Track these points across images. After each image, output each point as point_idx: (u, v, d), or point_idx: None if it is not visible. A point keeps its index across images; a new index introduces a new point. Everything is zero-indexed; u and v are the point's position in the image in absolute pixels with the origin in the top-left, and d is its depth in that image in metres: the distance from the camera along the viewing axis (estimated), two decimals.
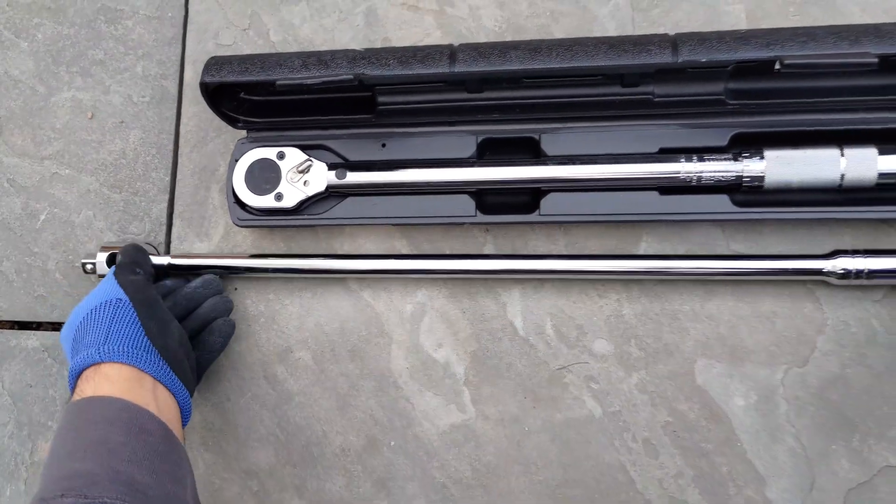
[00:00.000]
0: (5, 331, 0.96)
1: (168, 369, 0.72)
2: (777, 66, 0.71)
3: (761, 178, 0.76)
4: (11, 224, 0.96)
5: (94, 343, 0.70)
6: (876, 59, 0.68)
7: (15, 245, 0.96)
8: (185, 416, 0.75)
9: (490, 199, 0.84)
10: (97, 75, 0.97)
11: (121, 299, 0.74)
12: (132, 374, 0.70)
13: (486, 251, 0.87)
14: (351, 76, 0.75)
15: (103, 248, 0.89)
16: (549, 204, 0.81)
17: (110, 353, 0.69)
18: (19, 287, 0.96)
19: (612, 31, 0.87)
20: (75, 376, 0.71)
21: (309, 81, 0.76)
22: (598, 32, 0.87)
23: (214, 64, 0.80)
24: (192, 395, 0.77)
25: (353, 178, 0.83)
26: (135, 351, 0.71)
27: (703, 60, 0.71)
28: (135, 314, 0.73)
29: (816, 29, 0.71)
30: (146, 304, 0.75)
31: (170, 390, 0.73)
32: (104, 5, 0.98)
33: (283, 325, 0.90)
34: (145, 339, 0.72)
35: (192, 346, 0.82)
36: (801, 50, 0.70)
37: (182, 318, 0.83)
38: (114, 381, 0.68)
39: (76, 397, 0.68)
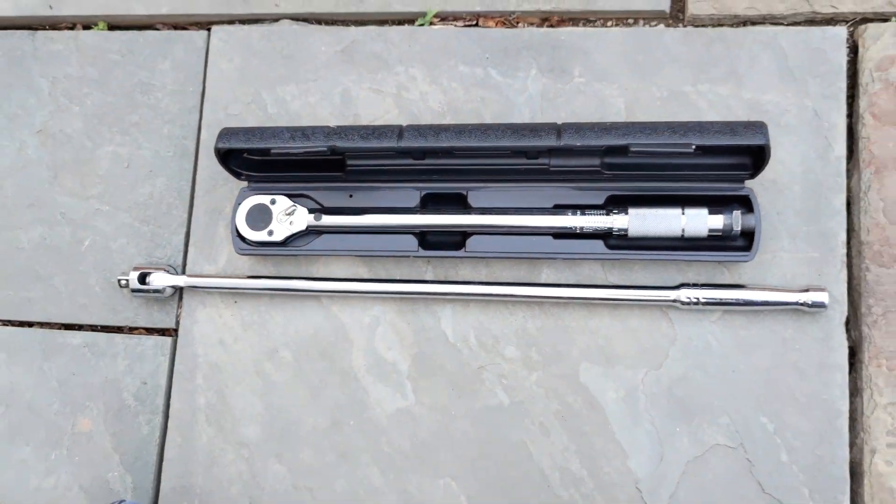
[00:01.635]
0: (55, 330, 1.22)
1: None
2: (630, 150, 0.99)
3: (626, 230, 1.04)
4: (62, 248, 1.23)
5: None
6: (693, 148, 0.96)
7: (64, 264, 1.23)
8: None
9: (429, 238, 1.12)
10: (133, 134, 1.25)
11: None
12: None
13: (427, 277, 1.14)
14: (325, 148, 1.03)
15: (135, 269, 1.16)
16: (474, 243, 1.09)
17: None
18: (66, 297, 1.22)
19: (526, 114, 1.15)
20: None
21: (294, 150, 1.04)
22: (515, 115, 1.15)
23: (225, 134, 1.08)
24: None
25: (328, 220, 1.11)
26: None
27: (578, 144, 0.99)
28: None
29: (658, 124, 0.99)
30: None
31: None
32: (140, 81, 1.26)
33: (271, 331, 1.16)
34: None
35: None
36: (646, 139, 0.98)
37: None
38: None
39: None
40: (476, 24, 1.21)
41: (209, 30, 1.26)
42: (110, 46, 1.28)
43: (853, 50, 1.12)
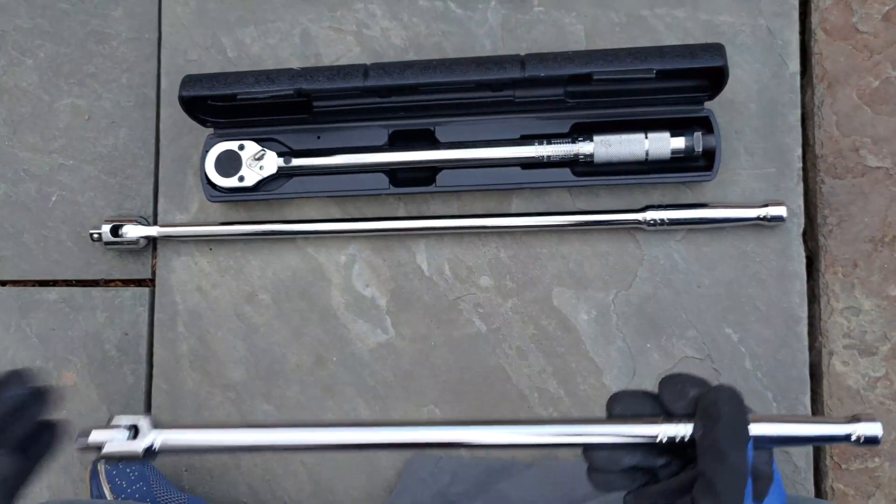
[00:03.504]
0: (30, 288, 1.22)
1: None
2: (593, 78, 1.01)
3: (591, 156, 1.06)
4: (29, 205, 1.22)
5: None
6: (654, 73, 0.98)
7: (33, 221, 1.22)
8: None
9: (400, 175, 1.13)
10: (90, 85, 1.23)
11: None
12: None
13: (399, 214, 1.16)
14: (291, 91, 1.03)
15: (107, 221, 1.16)
16: (444, 178, 1.11)
17: None
18: (38, 254, 1.22)
19: (487, 46, 1.16)
20: None
21: (261, 96, 1.04)
22: (477, 48, 1.16)
23: (188, 81, 1.07)
24: None
25: (297, 162, 1.12)
26: None
27: (542, 75, 1.01)
28: None
29: (619, 51, 1.01)
30: None
31: None
32: (93, 29, 1.23)
33: (248, 275, 1.18)
34: None
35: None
36: (608, 66, 1.00)
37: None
38: None
39: None
40: None
41: None
42: None
43: None
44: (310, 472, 1.15)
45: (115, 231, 1.15)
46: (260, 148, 1.12)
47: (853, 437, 0.58)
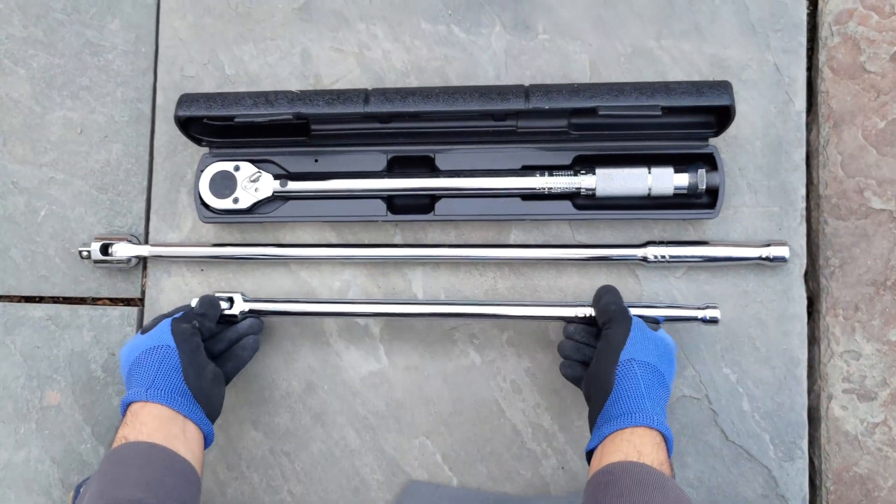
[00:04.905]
0: (15, 304, 1.19)
1: (198, 408, 0.92)
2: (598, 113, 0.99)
3: (593, 189, 1.05)
4: (17, 219, 1.19)
5: (142, 384, 0.91)
6: (660, 111, 0.97)
7: (20, 236, 1.19)
8: (207, 442, 0.94)
9: (398, 202, 1.11)
10: (84, 98, 1.20)
11: (169, 346, 0.94)
12: (168, 414, 0.89)
13: (396, 241, 1.14)
14: (290, 115, 1.01)
15: (97, 239, 1.13)
16: (442, 206, 1.09)
17: (153, 396, 0.89)
18: (25, 269, 1.19)
19: (490, 72, 1.14)
20: (126, 406, 0.91)
21: (258, 120, 1.02)
22: (480, 73, 1.14)
23: (185, 101, 1.05)
24: (216, 419, 0.98)
25: (293, 186, 1.09)
26: (172, 395, 0.90)
27: (546, 108, 0.99)
28: (178, 361, 0.93)
29: (625, 85, 1.00)
30: (188, 352, 0.94)
31: (197, 424, 0.92)
32: (88, 41, 1.20)
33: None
34: (183, 384, 0.92)
35: (226, 357, 1.04)
36: (613, 101, 0.98)
37: (223, 352, 1.05)
38: (152, 421, 0.88)
39: (118, 441, 0.86)
40: None
41: None
42: (54, 4, 1.22)
43: (812, 3, 1.13)
44: (297, 501, 1.13)
45: (104, 249, 1.13)
46: (256, 170, 1.10)
47: (699, 317, 1.03)
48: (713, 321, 1.04)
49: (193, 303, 1.06)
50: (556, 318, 1.05)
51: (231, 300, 1.08)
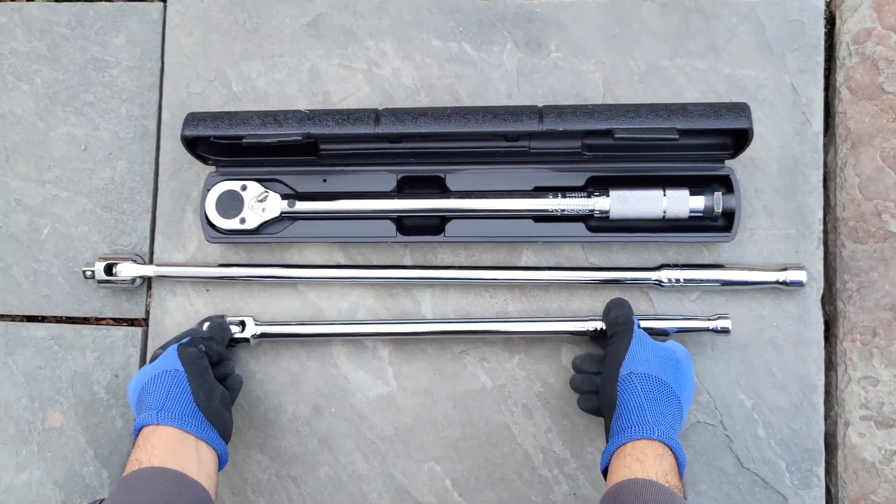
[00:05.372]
0: (17, 323, 1.17)
1: (210, 428, 0.92)
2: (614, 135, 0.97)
3: (607, 212, 1.03)
4: (20, 237, 1.17)
5: (153, 407, 0.90)
6: (677, 134, 0.95)
7: (23, 254, 1.17)
8: (222, 463, 0.94)
9: (407, 222, 1.09)
10: (88, 114, 1.18)
11: (177, 370, 0.93)
12: (180, 436, 0.88)
13: (405, 262, 1.12)
14: (299, 136, 0.99)
15: (101, 259, 1.11)
16: (453, 227, 1.07)
17: (164, 419, 0.88)
18: (28, 288, 1.17)
19: (502, 90, 1.12)
20: (137, 430, 0.89)
21: (267, 140, 1.00)
22: (491, 92, 1.12)
23: (191, 120, 1.03)
24: (228, 440, 0.97)
25: (302, 206, 1.07)
26: (183, 417, 0.89)
27: (560, 129, 0.97)
28: (188, 384, 0.92)
29: (641, 107, 0.98)
30: (197, 375, 0.93)
31: (210, 445, 0.91)
32: (93, 56, 1.19)
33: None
34: (193, 406, 0.91)
35: (233, 381, 1.04)
36: (629, 123, 0.96)
37: (230, 375, 1.04)
38: (164, 443, 0.87)
39: (131, 465, 0.85)
40: None
41: (165, 1, 1.19)
42: (58, 19, 1.20)
43: (830, 22, 1.11)
44: None
45: (108, 269, 1.11)
46: (263, 189, 1.08)
47: (710, 328, 1.03)
48: (724, 331, 1.02)
49: (204, 326, 1.06)
50: (567, 333, 1.05)
51: (243, 324, 1.08)
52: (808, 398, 1.05)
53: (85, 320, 1.17)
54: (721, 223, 1.04)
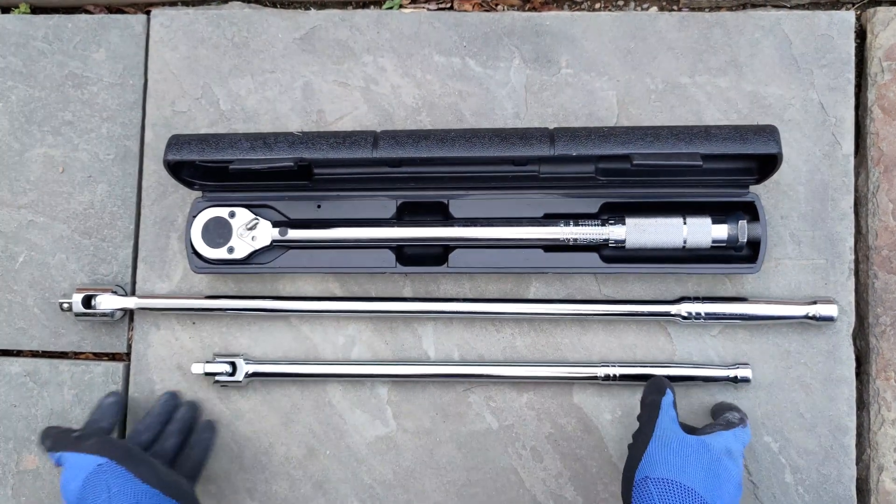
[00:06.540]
0: None
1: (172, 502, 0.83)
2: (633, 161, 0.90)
3: (623, 241, 0.95)
4: None
5: None
6: (701, 161, 0.87)
7: None
8: None
9: (407, 251, 1.02)
10: (66, 134, 1.10)
11: (101, 464, 0.83)
12: None
13: (405, 294, 1.04)
14: (291, 162, 0.92)
15: (78, 290, 1.04)
16: (456, 257, 0.99)
17: None
18: (1, 321, 1.09)
19: (509, 109, 1.05)
20: None
21: (256, 166, 0.92)
22: (497, 111, 1.05)
23: (175, 143, 0.95)
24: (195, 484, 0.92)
25: (294, 234, 1.00)
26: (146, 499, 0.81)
27: (574, 154, 0.90)
28: (127, 471, 0.82)
29: (661, 130, 0.90)
30: (132, 459, 0.84)
31: None
32: (71, 72, 1.11)
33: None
34: (147, 488, 0.82)
35: (181, 460, 0.94)
36: (648, 148, 0.89)
37: (177, 446, 0.95)
38: None
39: None
40: (451, 8, 1.09)
41: (148, 13, 1.11)
42: (35, 32, 1.12)
43: (860, 36, 1.04)
44: None
45: (87, 302, 1.03)
46: (253, 216, 1.01)
47: (728, 377, 0.97)
48: (745, 381, 0.95)
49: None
50: (581, 379, 0.99)
51: (233, 365, 1.02)
52: (838, 441, 0.98)
53: (62, 355, 1.09)
54: (745, 253, 0.97)
